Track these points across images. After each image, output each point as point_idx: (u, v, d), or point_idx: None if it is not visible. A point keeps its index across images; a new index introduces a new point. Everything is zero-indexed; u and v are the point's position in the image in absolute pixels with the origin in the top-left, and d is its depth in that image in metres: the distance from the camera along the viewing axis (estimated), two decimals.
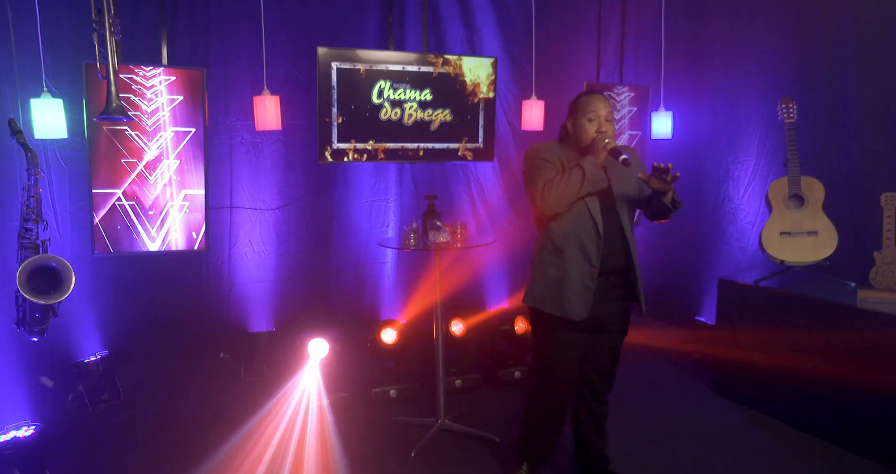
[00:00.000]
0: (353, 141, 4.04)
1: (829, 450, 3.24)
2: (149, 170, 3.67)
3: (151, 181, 3.68)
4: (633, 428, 3.49)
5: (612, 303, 2.66)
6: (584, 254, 2.57)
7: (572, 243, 2.59)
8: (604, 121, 2.59)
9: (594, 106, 2.60)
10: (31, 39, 3.14)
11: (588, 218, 2.56)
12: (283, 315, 4.59)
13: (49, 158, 3.77)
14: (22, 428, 3.03)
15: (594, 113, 2.58)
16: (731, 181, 4.78)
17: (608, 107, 2.63)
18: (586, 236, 2.56)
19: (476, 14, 4.86)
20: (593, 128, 2.59)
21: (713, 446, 3.32)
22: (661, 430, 3.50)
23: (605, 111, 2.59)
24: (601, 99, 2.62)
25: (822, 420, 3.35)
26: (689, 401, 3.89)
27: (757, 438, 3.40)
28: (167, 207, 3.75)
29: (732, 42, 4.72)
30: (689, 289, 5.10)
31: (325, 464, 3.11)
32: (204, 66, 3.91)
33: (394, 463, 3.14)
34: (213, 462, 3.10)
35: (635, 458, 3.17)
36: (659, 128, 4.72)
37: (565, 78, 4.95)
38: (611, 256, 2.59)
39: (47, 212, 3.74)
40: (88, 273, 3.96)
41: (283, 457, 3.16)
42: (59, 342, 3.82)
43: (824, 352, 3.32)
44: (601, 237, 2.55)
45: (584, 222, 2.56)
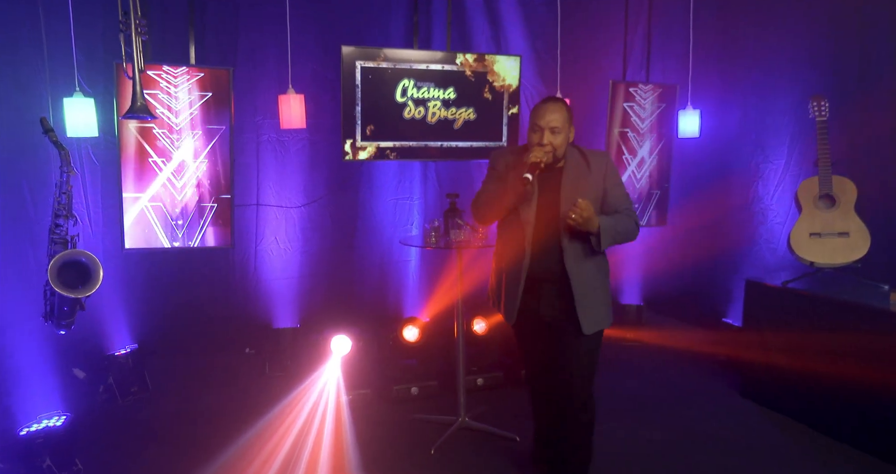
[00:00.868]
0: (377, 139, 4.07)
1: (858, 457, 3.16)
2: (177, 167, 3.74)
3: (179, 179, 3.75)
4: (656, 429, 3.46)
5: (555, 302, 2.58)
6: (515, 263, 2.58)
7: (507, 251, 2.63)
8: (546, 133, 2.46)
9: (536, 115, 2.50)
10: (65, 40, 3.23)
11: (519, 228, 2.55)
12: (307, 311, 4.65)
13: (83, 156, 3.88)
14: (54, 417, 3.13)
15: (535, 123, 2.50)
16: (760, 181, 4.69)
17: (554, 115, 2.47)
18: (516, 245, 2.56)
19: (502, 12, 4.85)
20: (535, 139, 2.50)
21: (737, 449, 3.26)
22: (684, 432, 3.45)
23: (547, 121, 2.46)
24: (547, 107, 2.50)
25: (851, 426, 3.27)
26: (714, 404, 3.83)
27: (782, 442, 3.34)
28: (194, 204, 3.82)
29: (763, 39, 4.63)
30: (716, 290, 5.01)
31: (344, 460, 3.14)
32: (231, 65, 3.97)
33: (413, 460, 3.16)
34: (233, 454, 3.16)
35: (658, 459, 3.13)
36: (686, 126, 4.65)
37: (591, 76, 4.91)
38: (542, 267, 2.54)
39: (81, 209, 3.85)
40: (119, 268, 4.06)
41: (302, 452, 3.20)
42: (90, 335, 3.92)
43: (854, 357, 3.24)
44: (525, 247, 2.52)
45: (516, 231, 2.56)
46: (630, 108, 4.70)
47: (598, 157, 2.59)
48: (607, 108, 4.64)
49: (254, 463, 3.09)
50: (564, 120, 2.49)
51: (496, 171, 2.64)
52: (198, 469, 3.03)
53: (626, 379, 4.23)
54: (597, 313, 2.56)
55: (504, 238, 2.68)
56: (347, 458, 3.15)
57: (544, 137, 2.46)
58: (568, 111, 2.53)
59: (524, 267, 2.54)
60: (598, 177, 2.55)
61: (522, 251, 2.53)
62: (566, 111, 2.52)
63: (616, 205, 2.58)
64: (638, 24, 5.09)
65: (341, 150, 4.01)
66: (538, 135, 2.48)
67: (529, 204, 2.54)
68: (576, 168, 2.56)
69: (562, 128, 2.47)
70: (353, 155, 4.03)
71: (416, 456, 3.19)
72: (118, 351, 4.01)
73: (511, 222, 2.59)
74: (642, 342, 4.97)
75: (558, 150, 2.49)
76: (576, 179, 2.54)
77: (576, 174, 2.55)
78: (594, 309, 2.55)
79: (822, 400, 3.41)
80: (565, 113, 2.50)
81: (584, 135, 4.91)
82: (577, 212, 2.34)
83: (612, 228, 2.48)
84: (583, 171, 2.55)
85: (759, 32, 4.65)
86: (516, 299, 2.59)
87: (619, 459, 3.13)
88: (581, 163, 2.57)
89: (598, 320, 2.57)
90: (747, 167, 4.78)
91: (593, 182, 2.54)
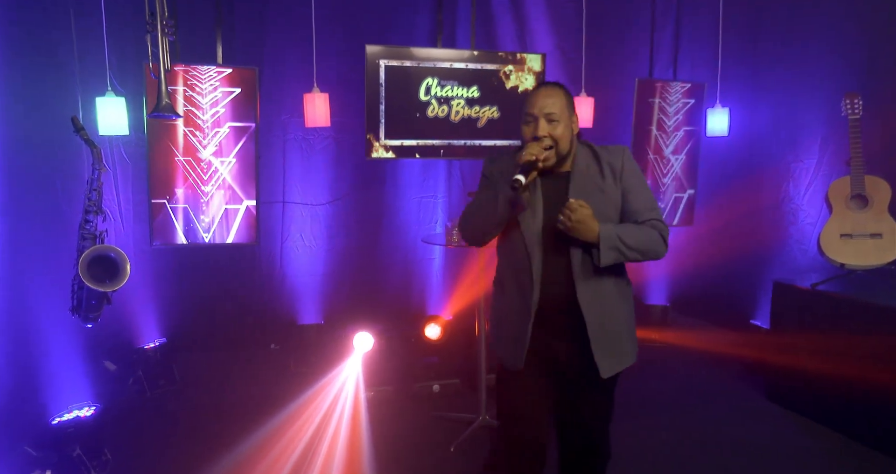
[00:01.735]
0: (401, 138, 4.09)
1: (889, 464, 3.08)
2: (204, 165, 3.81)
3: (206, 176, 3.83)
4: (679, 431, 3.42)
5: (569, 339, 2.08)
6: (520, 293, 2.08)
7: (510, 278, 2.13)
8: (542, 122, 2.00)
9: (529, 103, 2.05)
10: (98, 41, 3.32)
11: (522, 248, 2.05)
12: (331, 308, 4.70)
13: (114, 154, 3.98)
14: (84, 408, 3.22)
15: (527, 113, 2.04)
16: (791, 180, 4.59)
17: (549, 99, 2.02)
18: (521, 271, 2.07)
19: (527, 10, 4.83)
20: (528, 133, 2.04)
21: (763, 453, 3.20)
22: (709, 434, 3.40)
23: (541, 107, 2.01)
24: (541, 93, 2.05)
25: (880, 431, 3.18)
26: (740, 406, 3.77)
27: (809, 447, 3.27)
28: (220, 201, 3.89)
29: (794, 35, 4.53)
30: (744, 291, 4.92)
31: (363, 455, 3.17)
32: (257, 64, 4.03)
33: (433, 456, 3.17)
34: (255, 446, 3.22)
35: (680, 461, 3.10)
36: (715, 125, 4.58)
37: (617, 74, 4.87)
38: (554, 297, 2.04)
39: (112, 206, 3.95)
40: (148, 263, 4.15)
41: (321, 446, 3.24)
42: (120, 329, 4.02)
43: (885, 361, 3.15)
44: (532, 273, 2.03)
45: (518, 254, 2.07)
46: (657, 106, 4.64)
47: (613, 155, 2.11)
48: (633, 106, 4.59)
49: (275, 454, 3.15)
50: (563, 106, 2.03)
51: (487, 180, 2.18)
52: (221, 460, 3.08)
53: (651, 380, 4.18)
54: (617, 350, 2.09)
55: (505, 262, 2.17)
56: (366, 453, 3.18)
57: (539, 128, 2.00)
58: (567, 96, 2.07)
59: (533, 297, 2.03)
60: (614, 181, 2.08)
61: (529, 278, 2.04)
62: (565, 96, 2.05)
63: (637, 212, 2.06)
64: (666, 22, 5.02)
65: (365, 149, 4.04)
66: (532, 126, 2.03)
67: (533, 218, 2.04)
68: (587, 170, 2.08)
69: (561, 116, 2.01)
70: (377, 153, 4.06)
71: (436, 454, 3.20)
72: (147, 344, 4.11)
73: (512, 243, 2.09)
74: (668, 343, 4.91)
75: (560, 144, 2.01)
76: (588, 184, 2.06)
77: (588, 178, 2.07)
78: (614, 345, 2.08)
79: (850, 405, 3.33)
80: (564, 98, 2.04)
81: (610, 135, 4.86)
82: (567, 214, 1.90)
83: (617, 238, 1.96)
84: (596, 174, 2.08)
85: (791, 29, 4.56)
86: (525, 338, 2.07)
87: (641, 460, 3.10)
88: (593, 164, 2.09)
89: (620, 359, 2.10)
90: (777, 166, 4.68)
91: (608, 186, 2.07)
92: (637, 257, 2.00)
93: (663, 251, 2.04)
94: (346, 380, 3.96)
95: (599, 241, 1.94)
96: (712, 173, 5.02)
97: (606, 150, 2.12)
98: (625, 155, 2.12)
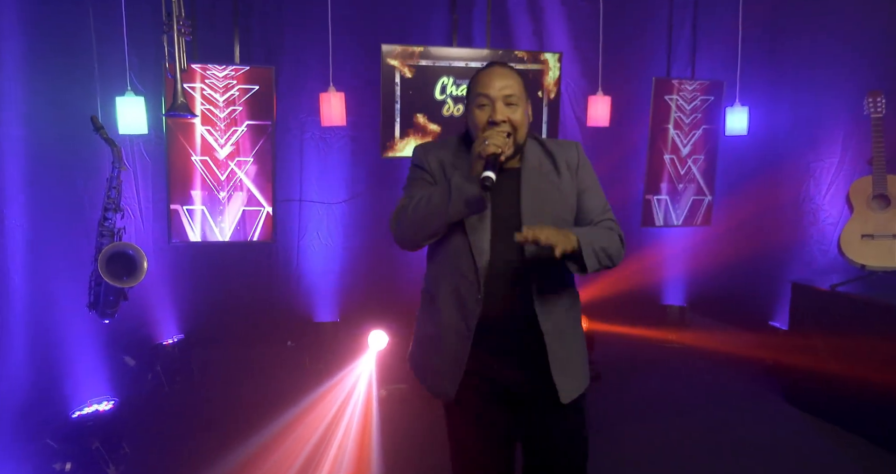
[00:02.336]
0: (415, 136, 4.10)
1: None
2: (222, 163, 3.86)
3: (224, 175, 3.87)
4: (696, 433, 3.39)
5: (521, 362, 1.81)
6: (458, 307, 1.77)
7: (446, 289, 1.80)
8: (499, 105, 1.72)
9: (482, 83, 1.75)
10: (118, 41, 3.37)
11: (467, 254, 1.74)
12: (347, 306, 4.72)
13: (134, 152, 4.04)
14: (103, 402, 3.28)
15: (481, 93, 1.74)
16: (812, 180, 4.53)
17: (507, 80, 1.74)
18: (463, 281, 1.76)
19: (544, 8, 4.81)
20: (483, 118, 1.74)
21: (781, 457, 3.16)
22: (726, 437, 3.37)
23: (499, 88, 1.73)
24: (496, 72, 1.76)
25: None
26: (758, 409, 3.72)
27: (828, 451, 3.22)
28: (238, 200, 3.93)
29: (815, 32, 4.46)
30: (762, 292, 4.86)
31: (374, 453, 3.18)
32: (274, 64, 4.07)
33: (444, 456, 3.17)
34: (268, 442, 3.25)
35: (697, 464, 3.07)
36: (734, 124, 4.52)
37: (634, 73, 4.83)
38: (501, 313, 1.75)
39: (132, 203, 4.01)
40: (167, 260, 4.21)
41: (333, 443, 3.27)
42: (140, 324, 4.08)
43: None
44: (480, 283, 1.72)
45: (462, 261, 1.75)
46: (674, 105, 4.60)
47: (567, 150, 1.86)
48: (650, 105, 4.56)
49: (287, 449, 3.18)
50: (521, 89, 1.77)
51: (425, 172, 1.84)
52: (236, 454, 3.13)
53: (668, 381, 4.14)
54: (576, 371, 1.83)
55: (441, 271, 1.84)
56: (376, 451, 3.20)
57: (497, 112, 1.72)
58: (521, 79, 1.80)
59: (476, 313, 1.73)
60: (570, 178, 1.84)
61: (472, 290, 1.74)
62: (521, 79, 1.79)
63: (592, 213, 1.84)
64: (684, 19, 4.97)
65: (381, 147, 4.06)
66: (487, 110, 1.73)
67: (480, 221, 1.74)
68: (539, 167, 1.83)
69: (520, 100, 1.75)
70: (392, 152, 4.07)
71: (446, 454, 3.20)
72: (166, 340, 4.17)
73: (452, 249, 1.77)
74: (685, 344, 4.86)
75: (518, 132, 1.75)
76: (542, 182, 1.81)
77: (541, 174, 1.81)
78: (573, 366, 1.82)
79: (871, 409, 3.27)
80: (520, 81, 1.78)
81: (626, 134, 4.83)
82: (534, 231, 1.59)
83: (596, 242, 1.71)
84: (549, 170, 1.83)
85: (812, 26, 4.49)
86: (462, 360, 1.77)
87: (655, 461, 3.08)
88: (545, 160, 1.84)
89: (579, 381, 1.84)
90: (797, 165, 4.62)
91: (565, 185, 1.83)
92: (608, 263, 1.74)
93: (622, 255, 1.81)
94: (359, 378, 3.99)
95: (581, 247, 1.66)
96: (731, 172, 4.96)
97: (558, 145, 1.88)
98: (579, 149, 1.90)
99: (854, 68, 4.19)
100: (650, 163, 4.66)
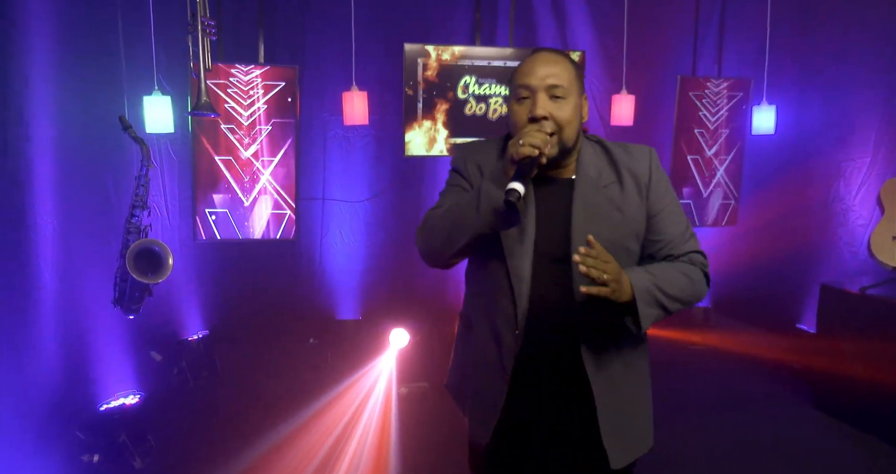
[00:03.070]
0: (439, 135, 4.11)
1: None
2: (246, 161, 3.91)
3: (247, 173, 3.92)
4: (719, 437, 3.34)
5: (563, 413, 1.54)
6: (495, 342, 1.53)
7: (482, 319, 1.57)
8: (543, 99, 1.42)
9: (524, 72, 1.46)
10: (146, 41, 3.43)
11: (504, 280, 1.48)
12: (369, 304, 4.75)
13: (161, 151, 4.10)
14: (129, 396, 3.34)
15: (522, 85, 1.45)
16: (842, 180, 4.42)
17: (553, 68, 1.44)
18: (500, 312, 1.50)
19: (567, 6, 4.78)
20: (522, 114, 1.45)
21: (807, 464, 3.11)
22: (750, 442, 3.32)
23: (542, 77, 1.43)
24: (541, 59, 1.46)
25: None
26: (784, 414, 3.66)
27: (858, 459, 3.15)
28: (262, 198, 3.98)
29: (847, 29, 4.35)
30: (789, 293, 4.77)
31: (392, 450, 3.20)
32: (298, 63, 4.10)
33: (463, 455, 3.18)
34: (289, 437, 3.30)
35: (719, 469, 3.03)
36: (761, 123, 4.44)
37: (658, 71, 4.77)
38: (543, 352, 1.49)
39: (159, 201, 4.08)
40: (192, 257, 4.28)
41: (353, 440, 3.30)
42: (166, 320, 4.15)
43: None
44: (518, 316, 1.46)
45: (499, 287, 1.49)
46: (699, 103, 4.53)
47: (635, 158, 1.52)
48: (675, 104, 4.50)
49: (307, 445, 3.22)
50: (572, 79, 1.46)
51: (461, 178, 1.60)
52: (258, 448, 3.18)
53: (691, 383, 4.09)
54: (632, 433, 1.56)
55: (476, 294, 1.62)
56: (394, 448, 3.22)
57: (538, 105, 1.42)
58: (576, 68, 1.49)
59: (510, 349, 1.49)
60: (637, 197, 1.50)
61: (509, 322, 1.48)
62: (573, 66, 1.48)
63: (671, 244, 1.51)
64: (711, 16, 4.90)
65: (403, 146, 4.07)
66: (528, 104, 1.44)
67: (521, 241, 1.46)
68: (598, 177, 1.50)
69: (569, 92, 1.44)
70: (414, 151, 4.08)
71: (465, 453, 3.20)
72: (191, 336, 4.23)
73: (489, 271, 1.52)
74: (709, 346, 4.80)
75: (565, 131, 1.43)
76: (600, 199, 1.48)
77: (597, 189, 1.49)
78: (629, 426, 1.54)
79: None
80: (572, 68, 1.48)
81: (651, 134, 4.78)
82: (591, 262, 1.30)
83: (656, 289, 1.41)
84: (611, 183, 1.50)
85: (843, 23, 4.38)
86: (495, 403, 1.53)
87: (677, 464, 3.04)
88: (607, 170, 1.51)
89: (636, 443, 1.58)
90: (827, 165, 4.52)
91: (630, 205, 1.49)
92: (677, 309, 1.48)
93: (705, 291, 1.54)
94: (380, 376, 4.01)
95: (635, 299, 1.37)
96: (757, 172, 4.88)
97: (625, 151, 1.53)
98: (652, 158, 1.54)
99: (888, 65, 4.09)
100: (674, 162, 4.60)
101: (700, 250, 1.56)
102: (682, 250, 1.53)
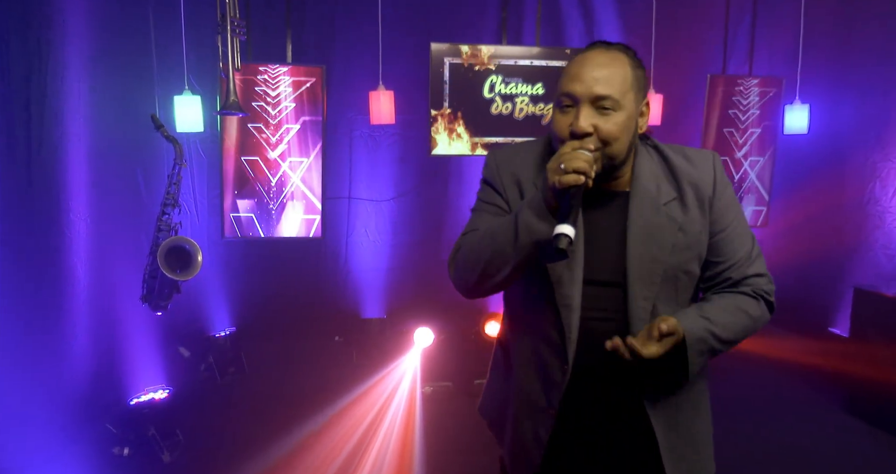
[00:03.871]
0: (464, 135, 4.10)
1: None
2: (273, 161, 3.94)
3: (275, 172, 3.96)
4: (749, 442, 3.29)
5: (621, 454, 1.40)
6: (539, 376, 1.38)
7: (524, 350, 1.41)
8: (588, 110, 1.23)
9: (571, 73, 1.26)
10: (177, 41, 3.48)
11: (551, 308, 1.32)
12: (394, 303, 4.76)
13: (191, 150, 4.17)
14: (158, 390, 3.40)
15: (566, 94, 1.26)
16: (878, 180, 4.32)
17: (602, 71, 1.24)
18: (546, 344, 1.35)
19: (595, 5, 4.73)
20: (563, 126, 1.27)
21: (841, 470, 3.04)
22: (782, 448, 3.25)
23: (588, 83, 1.23)
24: (591, 59, 1.26)
25: None
26: (817, 419, 3.59)
27: (891, 465, 3.07)
28: (289, 196, 4.01)
29: (884, 27, 4.24)
30: (822, 297, 4.67)
31: (416, 449, 3.20)
32: (325, 62, 4.13)
33: (487, 455, 3.17)
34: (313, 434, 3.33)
35: None
36: (793, 122, 4.35)
37: (688, 70, 4.69)
38: (596, 389, 1.35)
39: (189, 199, 4.15)
40: (220, 255, 4.34)
41: (377, 438, 3.31)
42: (194, 317, 4.22)
43: None
44: (567, 349, 1.31)
45: (545, 316, 1.33)
46: (730, 102, 4.46)
47: (698, 167, 1.35)
48: (704, 103, 4.43)
49: (331, 442, 3.25)
50: (626, 84, 1.25)
51: (495, 194, 1.41)
52: (283, 444, 3.21)
53: (720, 387, 3.98)
54: (696, 467, 1.45)
55: (518, 323, 1.44)
56: (418, 447, 3.22)
57: (579, 119, 1.23)
58: (634, 68, 1.29)
59: (558, 383, 1.34)
60: (700, 213, 1.33)
61: (558, 356, 1.33)
62: (630, 67, 1.28)
63: (735, 266, 1.36)
64: (743, 13, 4.81)
65: (429, 145, 4.08)
66: (571, 113, 1.25)
67: (571, 270, 1.30)
68: (657, 193, 1.33)
69: (620, 103, 1.24)
70: (440, 150, 4.08)
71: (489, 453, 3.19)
72: (218, 333, 4.29)
73: (533, 299, 1.36)
74: (738, 349, 4.70)
75: (612, 147, 1.25)
76: (656, 217, 1.31)
77: (655, 207, 1.32)
78: (692, 460, 1.43)
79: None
80: (628, 71, 1.27)
81: (679, 133, 4.71)
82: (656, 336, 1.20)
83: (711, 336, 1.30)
84: (669, 199, 1.33)
85: (880, 20, 4.27)
86: (538, 443, 1.39)
87: None
88: (665, 183, 1.34)
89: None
90: (863, 166, 4.41)
91: (692, 223, 1.32)
92: (730, 348, 1.37)
93: (766, 320, 1.40)
94: (404, 374, 4.02)
95: (688, 351, 1.26)
96: (790, 172, 4.78)
97: (686, 158, 1.35)
98: (716, 165, 1.36)
99: None
100: None
101: (765, 273, 1.40)
102: (745, 274, 1.37)
